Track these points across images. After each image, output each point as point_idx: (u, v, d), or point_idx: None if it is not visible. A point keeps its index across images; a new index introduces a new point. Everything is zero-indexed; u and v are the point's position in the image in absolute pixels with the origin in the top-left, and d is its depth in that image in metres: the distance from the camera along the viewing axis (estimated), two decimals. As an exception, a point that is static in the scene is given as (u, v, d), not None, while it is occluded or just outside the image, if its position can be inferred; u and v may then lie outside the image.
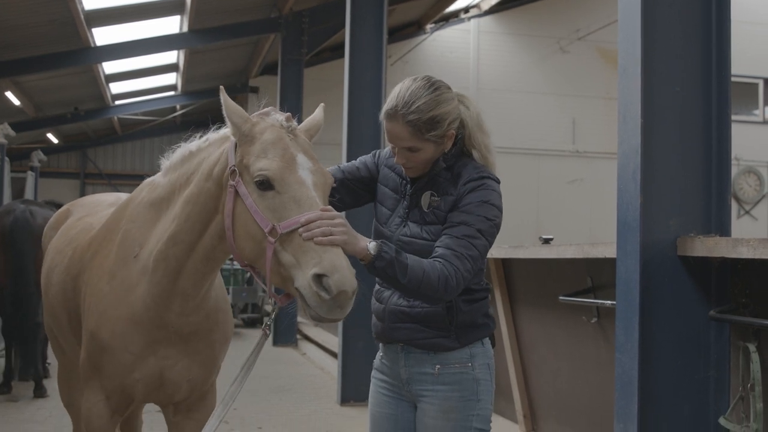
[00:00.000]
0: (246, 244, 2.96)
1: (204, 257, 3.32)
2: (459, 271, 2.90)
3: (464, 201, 3.04)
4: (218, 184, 3.15)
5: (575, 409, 6.10)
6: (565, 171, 21.24)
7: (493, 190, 3.07)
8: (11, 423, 7.80)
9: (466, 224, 2.98)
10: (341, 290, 2.65)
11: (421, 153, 3.06)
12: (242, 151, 3.02)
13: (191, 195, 3.28)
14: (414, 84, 3.06)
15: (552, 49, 21.33)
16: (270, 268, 2.83)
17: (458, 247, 2.94)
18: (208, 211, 3.22)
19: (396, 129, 3.04)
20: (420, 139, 3.02)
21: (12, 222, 8.81)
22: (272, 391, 9.89)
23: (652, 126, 4.16)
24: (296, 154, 2.97)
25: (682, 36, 4.23)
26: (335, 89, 14.21)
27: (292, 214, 2.81)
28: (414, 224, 3.13)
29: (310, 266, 2.69)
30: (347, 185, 3.34)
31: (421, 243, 3.07)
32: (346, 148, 9.22)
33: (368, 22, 9.43)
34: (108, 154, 26.53)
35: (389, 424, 3.28)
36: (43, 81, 17.32)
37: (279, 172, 2.89)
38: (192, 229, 3.28)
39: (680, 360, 4.12)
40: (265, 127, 3.02)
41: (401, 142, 3.05)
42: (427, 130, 3.01)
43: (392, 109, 3.04)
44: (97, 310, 3.52)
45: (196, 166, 3.33)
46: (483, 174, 3.09)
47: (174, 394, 3.64)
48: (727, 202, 4.24)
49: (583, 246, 5.36)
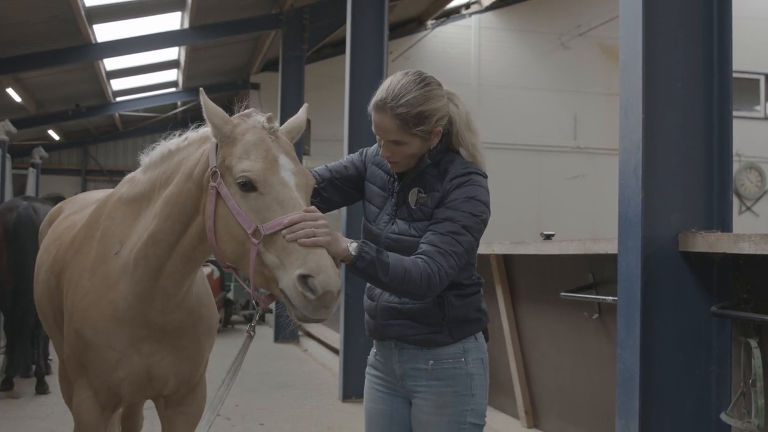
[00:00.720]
0: (228, 245, 2.96)
1: (184, 257, 3.32)
2: (442, 267, 2.90)
3: (450, 197, 3.04)
4: (198, 185, 3.15)
5: (577, 405, 6.10)
6: (566, 167, 21.22)
7: (480, 186, 3.07)
8: (13, 419, 7.81)
9: (450, 220, 2.99)
10: (327, 290, 2.66)
11: (406, 147, 3.06)
12: (224, 152, 3.02)
13: (171, 195, 3.28)
14: (405, 78, 3.06)
15: (553, 45, 21.31)
16: (253, 269, 2.83)
17: (442, 244, 2.94)
18: (188, 212, 3.22)
19: (384, 121, 3.04)
20: (407, 133, 3.02)
21: (15, 218, 8.85)
22: (274, 387, 9.90)
23: (653, 121, 4.15)
24: (278, 155, 2.97)
25: (683, 31, 4.22)
26: (336, 85, 14.22)
27: (275, 215, 2.82)
28: (402, 221, 3.13)
29: (294, 267, 2.70)
30: (335, 184, 3.34)
31: (409, 240, 3.07)
32: (347, 144, 9.21)
33: (369, 19, 9.42)
34: (109, 150, 26.54)
35: (384, 420, 3.29)
36: (44, 78, 17.33)
37: (262, 174, 2.89)
38: (172, 229, 3.28)
39: (682, 356, 4.12)
40: (246, 129, 3.02)
41: (387, 135, 3.05)
42: (414, 124, 3.01)
43: (381, 101, 3.04)
44: (80, 308, 3.52)
45: (176, 166, 3.33)
46: (470, 169, 3.09)
47: (162, 389, 3.66)
48: (729, 198, 4.24)
49: (584, 242, 5.36)
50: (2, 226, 8.95)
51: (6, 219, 8.95)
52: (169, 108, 23.31)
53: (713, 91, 4.24)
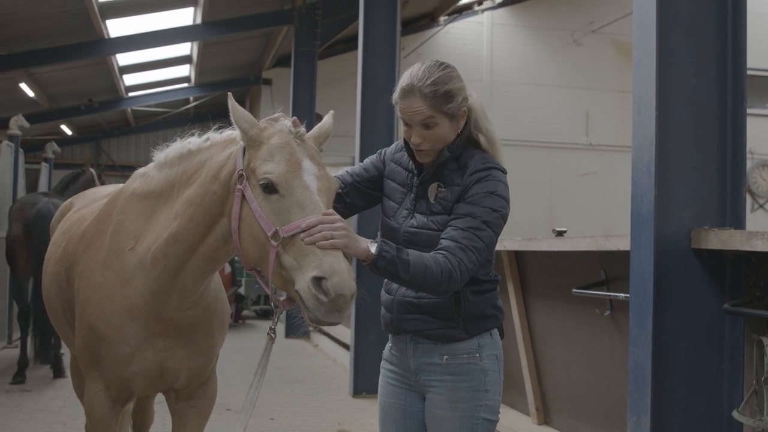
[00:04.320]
0: (250, 246, 3.01)
1: (207, 257, 3.35)
2: (463, 263, 2.92)
3: (470, 192, 3.06)
4: (225, 187, 3.18)
5: (588, 402, 6.09)
6: (578, 164, 21.19)
7: (500, 181, 3.10)
8: (25, 413, 7.86)
9: (471, 216, 3.01)
10: (339, 293, 2.70)
11: (437, 129, 3.09)
12: (250, 155, 3.06)
13: (195, 196, 3.30)
14: (425, 64, 3.13)
15: (566, 41, 21.26)
16: (272, 271, 2.88)
17: (463, 239, 2.96)
18: (213, 214, 3.25)
19: (413, 103, 3.07)
20: (438, 111, 3.06)
21: (35, 213, 9.20)
22: (285, 382, 9.91)
23: (666, 118, 4.14)
24: (302, 159, 3.01)
25: (697, 28, 4.21)
26: (348, 81, 14.23)
27: (295, 218, 2.86)
28: (421, 215, 3.15)
29: (310, 269, 2.74)
30: (357, 188, 3.38)
31: (428, 234, 3.09)
32: (359, 140, 9.22)
33: (381, 15, 9.42)
34: (122, 145, 26.63)
35: (398, 415, 3.31)
36: (57, 73, 17.38)
37: (284, 176, 2.93)
38: (196, 230, 3.31)
39: (694, 353, 4.11)
40: (273, 132, 3.06)
41: (418, 116, 3.07)
42: (444, 101, 3.06)
43: (408, 85, 3.08)
44: (92, 302, 3.54)
45: (198, 166, 3.36)
46: (490, 164, 3.12)
47: (173, 383, 3.68)
48: (742, 195, 4.22)
49: (596, 238, 5.34)
50: (23, 221, 9.37)
51: (26, 214, 9.33)
52: (182, 103, 23.36)
53: (727, 87, 4.22)
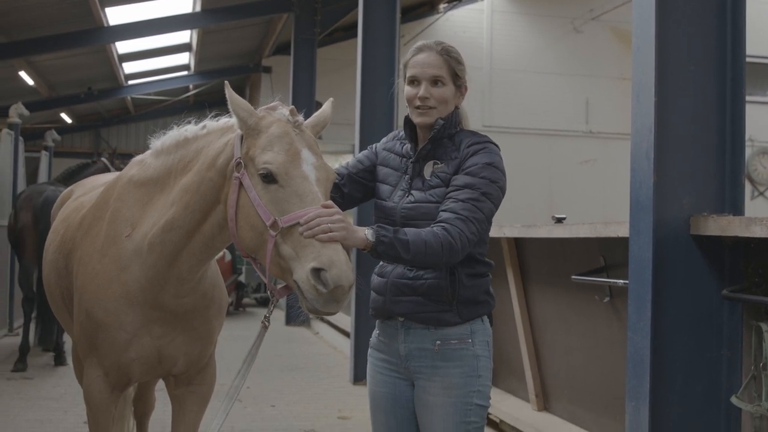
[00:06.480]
0: (247, 234, 3.03)
1: (203, 245, 3.36)
2: (464, 233, 2.96)
3: (468, 162, 3.11)
4: (222, 174, 3.19)
5: (587, 388, 6.12)
6: (578, 151, 21.15)
7: (496, 154, 3.16)
8: (27, 400, 7.89)
9: (470, 187, 3.04)
10: (338, 285, 2.74)
11: (444, 90, 3.18)
12: (248, 143, 3.08)
13: (191, 184, 3.31)
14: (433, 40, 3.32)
15: (566, 29, 21.19)
16: (270, 260, 2.90)
17: (462, 210, 2.99)
18: (209, 201, 3.26)
19: (429, 57, 3.20)
20: (449, 70, 3.19)
21: (42, 201, 9.40)
22: (285, 369, 9.95)
23: (665, 105, 4.14)
24: (301, 148, 3.03)
25: (697, 14, 4.20)
26: (348, 69, 14.20)
27: (294, 208, 2.88)
28: (417, 191, 3.18)
29: (309, 260, 2.78)
30: (354, 179, 3.41)
31: (427, 206, 3.12)
32: (359, 127, 9.23)
33: (381, 2, 9.42)
34: (121, 133, 26.59)
35: (388, 403, 3.32)
36: (56, 61, 17.35)
37: (283, 166, 2.95)
38: (192, 217, 3.32)
39: (692, 339, 4.12)
40: (271, 121, 3.08)
41: (431, 69, 3.17)
42: (456, 63, 3.20)
43: (424, 44, 3.26)
44: (90, 289, 3.56)
45: (195, 153, 3.36)
46: (485, 139, 3.20)
47: (171, 369, 3.70)
48: (741, 181, 4.23)
49: (596, 225, 5.36)
50: (31, 209, 9.59)
51: (34, 203, 9.57)
52: (181, 91, 23.30)
53: (726, 74, 4.22)
